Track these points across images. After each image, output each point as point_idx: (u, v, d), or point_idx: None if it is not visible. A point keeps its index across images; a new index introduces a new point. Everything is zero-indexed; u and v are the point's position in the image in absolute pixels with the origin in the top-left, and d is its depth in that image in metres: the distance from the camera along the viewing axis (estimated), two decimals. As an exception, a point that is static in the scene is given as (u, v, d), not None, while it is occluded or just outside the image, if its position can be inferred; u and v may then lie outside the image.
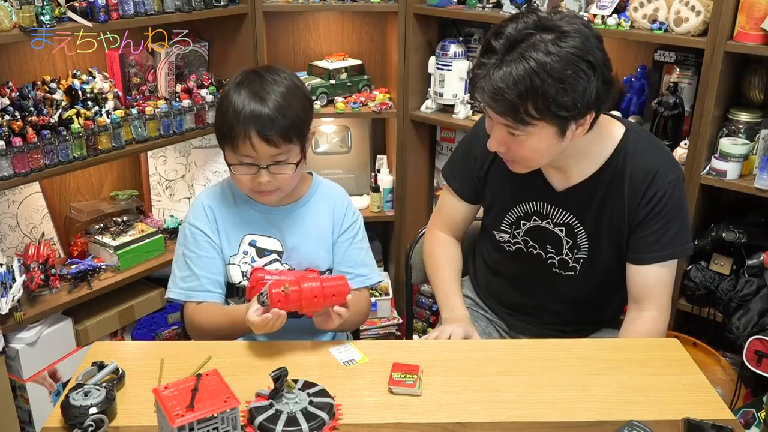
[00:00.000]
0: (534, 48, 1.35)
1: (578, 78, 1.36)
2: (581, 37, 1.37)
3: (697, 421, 1.27)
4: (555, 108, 1.37)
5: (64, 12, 2.19)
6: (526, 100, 1.36)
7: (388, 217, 3.01)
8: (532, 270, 1.74)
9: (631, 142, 1.57)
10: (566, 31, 1.36)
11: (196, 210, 1.69)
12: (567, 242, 1.66)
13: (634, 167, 1.56)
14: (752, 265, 2.21)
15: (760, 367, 2.09)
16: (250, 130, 1.51)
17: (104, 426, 1.23)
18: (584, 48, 1.36)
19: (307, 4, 2.72)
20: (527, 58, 1.34)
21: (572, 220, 1.64)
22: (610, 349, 1.54)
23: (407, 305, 2.17)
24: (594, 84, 1.37)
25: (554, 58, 1.34)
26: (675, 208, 1.57)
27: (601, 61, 1.39)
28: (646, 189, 1.56)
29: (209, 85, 2.70)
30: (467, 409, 1.33)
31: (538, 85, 1.34)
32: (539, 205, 1.66)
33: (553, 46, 1.35)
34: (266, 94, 1.53)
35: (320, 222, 1.71)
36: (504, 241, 1.74)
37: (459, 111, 2.73)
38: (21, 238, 2.45)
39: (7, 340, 2.22)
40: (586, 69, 1.36)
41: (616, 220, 1.60)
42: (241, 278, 1.68)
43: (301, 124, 1.57)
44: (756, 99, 2.26)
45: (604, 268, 1.67)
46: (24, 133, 2.15)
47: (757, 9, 2.01)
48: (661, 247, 1.58)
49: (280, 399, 1.27)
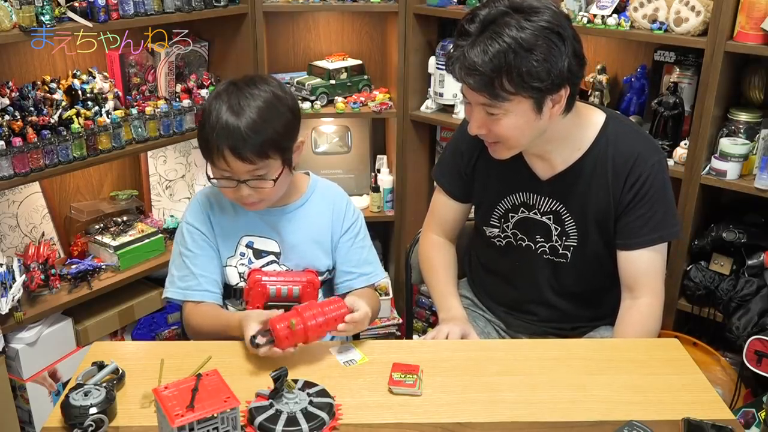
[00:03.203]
0: (507, 26, 1.40)
1: (550, 48, 1.41)
2: (551, 11, 1.43)
3: (697, 421, 1.27)
4: (529, 78, 1.41)
5: (64, 12, 2.19)
6: (500, 73, 1.40)
7: (388, 217, 3.01)
8: (523, 262, 1.75)
9: (612, 128, 1.61)
10: (536, 7, 1.43)
11: (193, 209, 1.68)
12: (555, 229, 1.68)
13: (616, 152, 1.59)
14: (752, 265, 2.21)
15: (760, 367, 2.09)
16: (223, 147, 1.49)
17: (104, 426, 1.23)
18: (554, 21, 1.42)
19: (307, 4, 2.72)
20: (501, 35, 1.40)
21: (559, 208, 1.66)
22: (610, 349, 1.54)
23: (407, 305, 2.17)
24: (565, 55, 1.42)
25: (526, 33, 1.40)
26: (659, 191, 1.59)
27: (572, 35, 1.45)
28: (629, 173, 1.58)
29: (209, 85, 2.70)
30: (467, 409, 1.33)
31: (511, 58, 1.39)
32: (525, 195, 1.68)
33: (525, 22, 1.40)
34: (241, 109, 1.49)
35: (318, 223, 1.70)
36: (494, 236, 1.76)
37: (459, 111, 2.73)
38: (21, 238, 2.45)
39: (7, 340, 2.22)
40: (557, 41, 1.41)
41: (602, 207, 1.62)
42: (238, 280, 1.68)
43: (279, 139, 1.53)
44: (756, 99, 2.26)
45: (595, 255, 1.68)
46: (24, 133, 2.15)
47: (757, 9, 2.01)
48: (648, 230, 1.60)
49: (280, 399, 1.27)
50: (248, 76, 1.58)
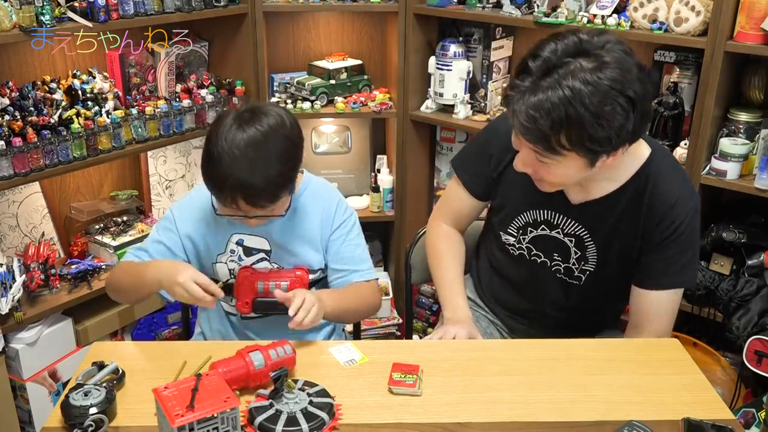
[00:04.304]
0: (572, 75, 1.29)
1: (615, 114, 1.30)
2: (621, 68, 1.30)
3: (697, 421, 1.27)
4: (589, 143, 1.32)
5: (64, 12, 2.18)
6: (558, 131, 1.31)
7: (388, 217, 3.01)
8: (534, 276, 1.72)
9: (654, 165, 1.54)
10: (606, 61, 1.30)
11: (185, 206, 1.71)
12: (575, 253, 1.64)
13: (655, 192, 1.53)
14: (752, 265, 2.21)
15: (760, 367, 2.08)
16: (237, 197, 1.49)
17: (104, 426, 1.23)
18: (624, 80, 1.30)
19: (307, 4, 2.72)
20: (563, 86, 1.29)
21: (583, 233, 1.61)
22: (610, 349, 1.54)
23: (407, 305, 2.17)
24: (632, 120, 1.32)
25: (591, 90, 1.28)
26: (689, 237, 1.55)
27: (641, 93, 1.32)
28: (663, 216, 1.53)
29: (209, 85, 2.70)
30: (467, 409, 1.33)
31: (572, 115, 1.29)
32: (551, 214, 1.62)
33: (592, 76, 1.28)
34: (255, 162, 1.46)
35: (309, 220, 1.70)
36: (509, 243, 1.72)
37: (459, 111, 2.73)
38: (21, 238, 2.45)
39: (7, 340, 2.22)
40: (625, 104, 1.30)
41: (629, 241, 1.58)
42: (228, 276, 1.70)
43: (289, 181, 1.56)
44: (756, 99, 2.26)
45: (610, 282, 1.65)
46: (24, 133, 2.15)
47: (757, 9, 2.01)
48: (670, 275, 1.57)
49: (280, 399, 1.27)
50: (252, 110, 1.53)
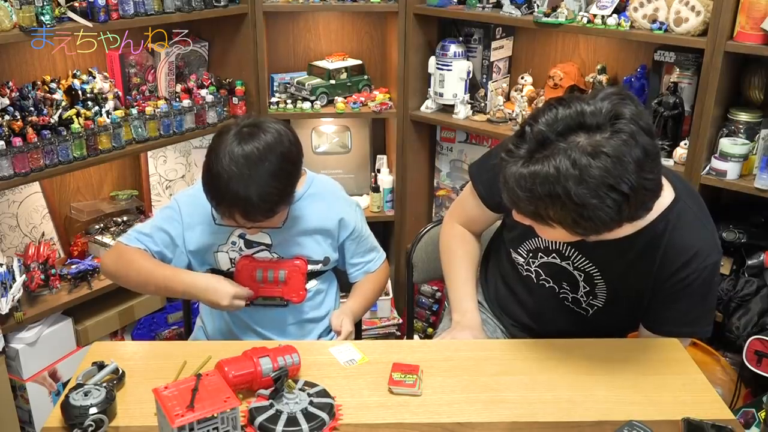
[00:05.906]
0: (563, 154, 1.22)
1: (604, 207, 1.23)
2: (618, 158, 1.20)
3: (697, 421, 1.27)
4: (574, 226, 1.28)
5: (64, 12, 2.19)
6: (546, 208, 1.27)
7: (388, 217, 3.01)
8: (541, 298, 1.68)
9: (676, 212, 1.46)
10: (604, 151, 1.20)
11: (191, 199, 1.71)
12: (584, 287, 1.60)
13: (672, 241, 1.45)
14: (752, 265, 2.21)
15: (760, 367, 2.08)
16: (234, 212, 1.52)
17: (104, 426, 1.23)
18: (616, 173, 1.20)
19: (307, 4, 2.72)
20: (550, 165, 1.22)
21: (594, 271, 1.56)
22: (610, 349, 1.54)
23: (407, 305, 2.17)
24: (625, 211, 1.25)
25: (576, 177, 1.21)
26: (705, 290, 1.49)
27: (640, 185, 1.23)
28: (680, 267, 1.46)
29: (209, 85, 2.70)
30: (467, 409, 1.33)
31: (557, 195, 1.23)
32: (563, 246, 1.56)
33: (585, 158, 1.20)
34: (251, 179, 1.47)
35: (313, 218, 1.73)
36: (518, 263, 1.69)
37: (459, 111, 2.73)
38: (21, 238, 2.45)
39: (7, 340, 2.22)
40: (617, 198, 1.22)
41: (640, 286, 1.53)
42: (229, 265, 1.72)
43: (287, 197, 1.58)
44: (756, 99, 2.26)
45: (619, 317, 1.62)
46: (24, 133, 2.15)
47: (757, 9, 2.01)
48: (681, 324, 1.55)
49: (281, 399, 1.27)
50: (252, 126, 1.53)
